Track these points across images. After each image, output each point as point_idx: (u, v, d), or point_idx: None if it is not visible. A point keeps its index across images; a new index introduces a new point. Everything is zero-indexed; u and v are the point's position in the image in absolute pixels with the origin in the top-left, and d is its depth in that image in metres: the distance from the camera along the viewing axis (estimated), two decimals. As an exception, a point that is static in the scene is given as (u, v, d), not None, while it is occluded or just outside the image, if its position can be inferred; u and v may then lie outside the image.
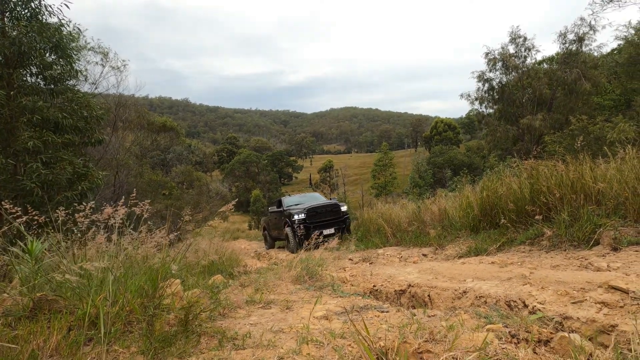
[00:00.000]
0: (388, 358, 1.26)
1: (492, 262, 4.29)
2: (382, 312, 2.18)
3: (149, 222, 3.69)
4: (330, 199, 12.04)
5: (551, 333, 1.54)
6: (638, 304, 2.16)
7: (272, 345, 1.67)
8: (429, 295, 3.47)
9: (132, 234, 2.80)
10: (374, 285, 4.11)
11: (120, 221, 2.57)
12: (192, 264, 5.31)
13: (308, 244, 6.04)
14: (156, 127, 17.65)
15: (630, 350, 1.59)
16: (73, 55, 6.90)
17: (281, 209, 11.30)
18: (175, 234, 2.51)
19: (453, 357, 1.33)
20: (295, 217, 9.82)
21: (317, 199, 12.25)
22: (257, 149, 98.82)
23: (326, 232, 9.56)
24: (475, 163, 46.13)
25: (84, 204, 2.36)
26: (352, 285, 4.85)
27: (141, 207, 2.45)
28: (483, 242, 5.69)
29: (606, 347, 1.79)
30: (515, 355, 1.30)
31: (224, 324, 2.31)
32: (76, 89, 7.29)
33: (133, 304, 1.75)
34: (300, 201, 11.79)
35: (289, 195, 13.24)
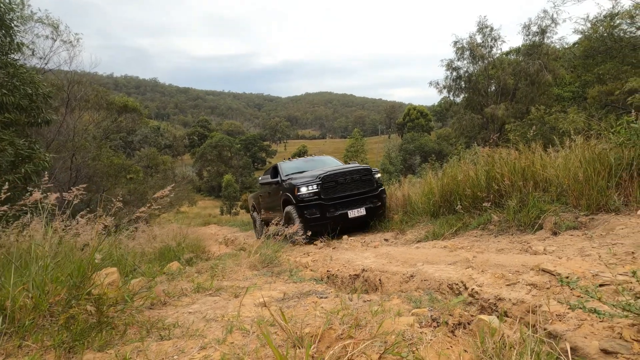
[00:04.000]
0: (303, 345, 1.26)
1: (444, 247, 4.44)
2: (321, 297, 2.19)
3: (98, 209, 3.49)
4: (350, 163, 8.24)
5: (472, 316, 1.60)
6: (561, 285, 2.29)
7: (199, 335, 1.63)
8: (379, 280, 3.55)
9: (66, 220, 2.64)
10: (328, 270, 4.15)
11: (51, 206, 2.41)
12: (146, 252, 5.15)
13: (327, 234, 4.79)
14: (117, 108, 16.68)
15: (544, 329, 1.68)
16: (13, 26, 6.30)
17: (277, 179, 7.78)
18: (112, 219, 2.38)
19: (372, 343, 1.35)
20: (303, 189, 6.55)
21: (330, 163, 8.45)
22: (230, 133, 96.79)
23: (353, 213, 6.64)
24: (444, 150, 47.52)
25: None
26: (312, 271, 4.88)
27: (73, 192, 2.30)
28: (440, 227, 5.87)
29: (531, 326, 1.89)
30: (428, 338, 1.33)
31: (161, 312, 2.25)
32: (19, 63, 6.70)
33: (37, 297, 1.64)
34: (306, 167, 8.17)
35: (289, 159, 9.13)
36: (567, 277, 2.39)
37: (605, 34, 15.97)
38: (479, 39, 21.34)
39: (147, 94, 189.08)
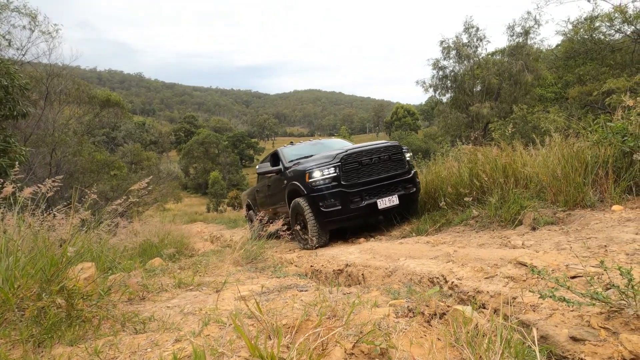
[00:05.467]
0: (277, 335, 1.25)
1: (427, 242, 4.50)
2: (301, 291, 2.19)
3: (73, 202, 3.40)
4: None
5: (448, 306, 1.62)
6: (537, 277, 2.35)
7: (175, 328, 1.61)
8: (362, 274, 3.57)
9: (40, 214, 2.56)
10: (312, 266, 4.16)
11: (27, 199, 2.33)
12: (128, 248, 5.06)
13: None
14: (99, 102, 16.23)
15: (517, 319, 1.72)
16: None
17: (279, 167, 6.36)
18: (86, 213, 2.32)
19: (346, 332, 1.35)
20: (317, 173, 5.20)
21: (342, 147, 6.24)
22: (217, 130, 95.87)
23: (383, 203, 5.35)
24: (431, 148, 48.07)
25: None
26: (296, 267, 4.88)
27: (47, 184, 2.23)
28: (424, 223, 5.94)
29: (506, 316, 1.93)
30: (403, 328, 1.35)
31: (139, 307, 2.21)
32: (-7, 54, 6.45)
33: (6, 292, 1.59)
34: (314, 151, 6.61)
35: (292, 143, 7.55)
36: (541, 270, 2.46)
37: (585, 36, 16.45)
38: (464, 38, 21.76)
39: (132, 89, 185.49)
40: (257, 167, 6.90)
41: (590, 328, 1.48)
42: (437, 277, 2.97)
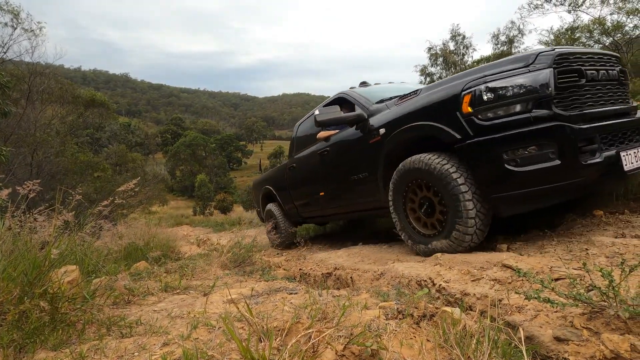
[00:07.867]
0: (267, 337, 1.25)
1: (415, 245, 4.54)
2: (291, 293, 2.19)
3: (56, 204, 3.31)
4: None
5: (437, 308, 1.65)
6: (522, 280, 2.40)
7: (163, 332, 1.58)
8: (351, 277, 3.59)
9: (20, 216, 2.49)
10: (301, 269, 4.16)
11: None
12: (112, 251, 4.93)
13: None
14: (83, 102, 15.85)
15: (503, 320, 1.76)
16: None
17: (358, 112, 3.78)
18: (70, 214, 2.26)
19: (337, 334, 1.36)
20: (495, 93, 2.37)
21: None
22: (205, 132, 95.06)
23: (630, 160, 2.46)
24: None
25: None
26: (285, 270, 4.87)
27: (28, 186, 2.17)
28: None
29: (493, 319, 1.97)
30: (393, 329, 1.36)
31: (125, 311, 2.16)
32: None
33: None
34: (400, 90, 4.13)
35: (365, 84, 4.69)
36: (527, 272, 2.52)
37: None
38: (451, 46, 22.24)
39: (118, 90, 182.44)
40: (315, 113, 3.99)
41: (574, 328, 1.52)
42: (425, 280, 3.00)
